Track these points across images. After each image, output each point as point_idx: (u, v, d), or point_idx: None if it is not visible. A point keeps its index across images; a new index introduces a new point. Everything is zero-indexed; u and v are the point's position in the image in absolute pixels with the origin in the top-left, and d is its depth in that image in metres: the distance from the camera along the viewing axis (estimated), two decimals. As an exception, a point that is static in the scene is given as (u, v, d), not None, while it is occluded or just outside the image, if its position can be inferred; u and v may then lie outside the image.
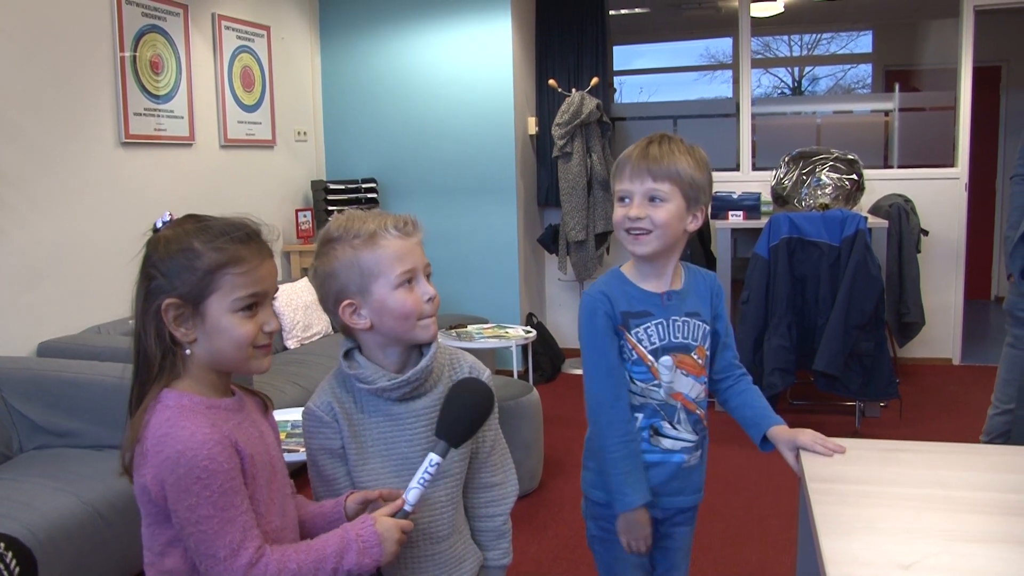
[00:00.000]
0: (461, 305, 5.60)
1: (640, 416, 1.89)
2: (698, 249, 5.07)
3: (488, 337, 4.72)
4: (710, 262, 5.16)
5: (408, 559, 1.59)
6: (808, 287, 4.51)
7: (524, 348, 5.07)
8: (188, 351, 1.42)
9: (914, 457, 1.79)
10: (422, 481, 1.48)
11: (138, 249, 1.45)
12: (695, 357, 1.90)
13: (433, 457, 1.48)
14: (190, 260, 1.39)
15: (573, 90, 5.75)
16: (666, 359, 1.87)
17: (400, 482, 1.54)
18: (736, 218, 5.09)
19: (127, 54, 4.21)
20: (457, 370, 1.66)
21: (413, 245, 1.57)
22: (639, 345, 1.86)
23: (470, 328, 4.93)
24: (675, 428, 1.91)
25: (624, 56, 7.56)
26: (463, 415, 1.51)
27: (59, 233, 3.86)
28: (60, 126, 3.87)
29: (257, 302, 1.43)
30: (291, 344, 4.75)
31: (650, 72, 8.16)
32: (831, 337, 4.36)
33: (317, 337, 4.92)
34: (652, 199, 1.81)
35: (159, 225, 1.45)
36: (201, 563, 1.34)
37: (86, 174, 4.01)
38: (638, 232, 1.82)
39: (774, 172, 5.59)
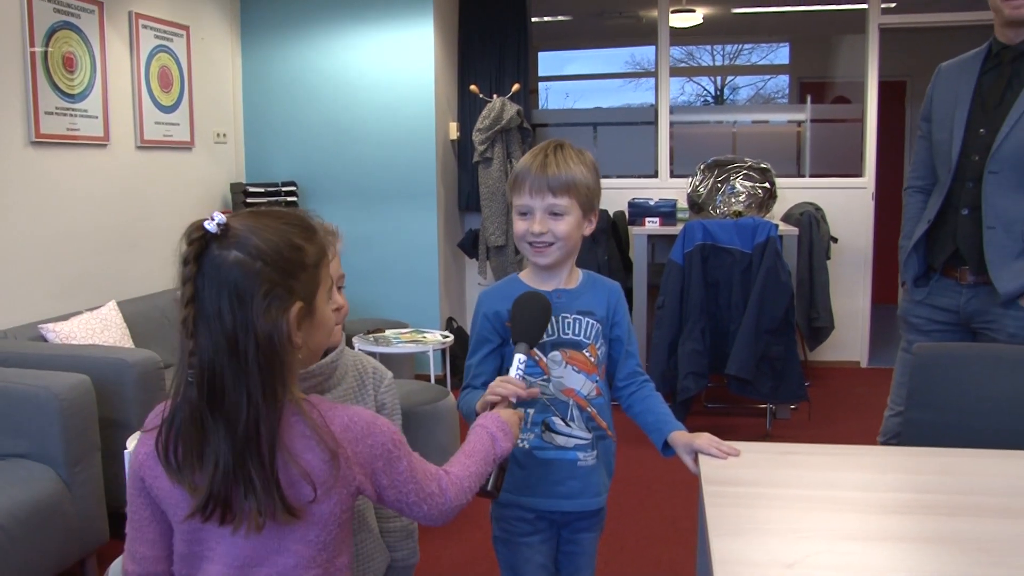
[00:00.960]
0: (380, 310, 5.60)
1: (531, 411, 1.93)
2: (615, 254, 5.16)
3: (405, 342, 4.74)
4: (627, 267, 5.26)
5: None
6: (721, 293, 4.63)
7: (443, 352, 5.10)
8: (300, 355, 1.34)
9: (807, 459, 1.87)
10: (517, 377, 1.73)
11: (49, 252, 1.40)
12: (586, 354, 1.95)
13: (520, 357, 1.75)
14: (301, 257, 1.32)
15: (494, 96, 5.80)
16: (555, 354, 1.93)
17: None
18: (653, 224, 5.20)
19: (38, 50, 4.12)
20: (362, 372, 1.71)
21: (335, 254, 1.59)
22: None
23: (388, 333, 4.93)
24: (568, 425, 1.94)
25: (555, 62, 7.65)
26: (537, 317, 1.78)
27: (-35, 235, 3.75)
28: (-33, 125, 3.76)
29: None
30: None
31: (574, 78, 8.25)
32: (743, 342, 4.49)
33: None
34: (553, 213, 1.88)
35: (214, 227, 1.26)
36: (420, 510, 1.40)
37: (-6, 174, 3.91)
38: (541, 245, 1.88)
39: (690, 180, 5.72)
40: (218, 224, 1.26)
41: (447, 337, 4.88)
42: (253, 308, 1.24)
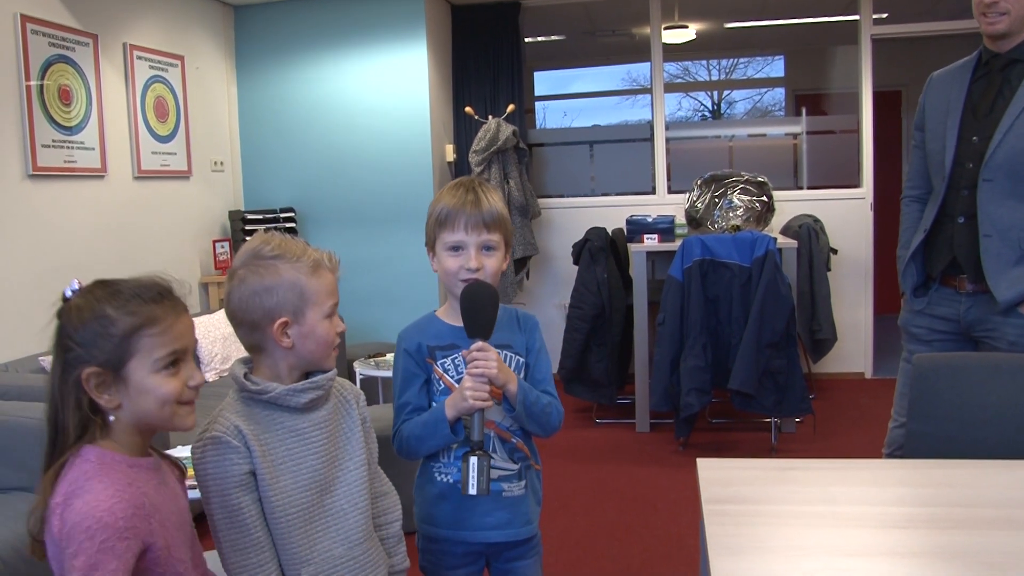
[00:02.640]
0: (379, 333, 5.60)
1: (455, 447, 1.92)
2: (614, 272, 5.15)
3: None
4: (627, 285, 5.25)
5: (327, 570, 1.65)
6: (721, 307, 4.62)
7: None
8: (112, 417, 1.43)
9: (808, 475, 1.86)
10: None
11: (49, 284, 1.46)
12: None
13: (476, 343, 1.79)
14: (104, 327, 1.40)
15: (490, 117, 5.81)
16: None
17: (311, 496, 1.63)
18: (651, 241, 5.20)
19: (33, 83, 4.14)
20: (344, 392, 1.79)
21: (336, 280, 1.70)
22: (446, 375, 1.94)
23: (388, 356, 4.92)
24: (492, 457, 1.90)
25: (551, 81, 7.67)
26: (487, 307, 1.79)
27: (-37, 270, 3.76)
28: (-37, 160, 3.78)
29: (178, 359, 1.46)
30: (210, 377, 4.68)
31: (570, 97, 8.28)
32: (745, 356, 4.47)
33: (236, 369, 4.85)
34: (487, 247, 1.91)
35: (68, 294, 1.45)
36: None
37: (-8, 209, 3.92)
38: (473, 281, 1.88)
39: (688, 195, 5.72)
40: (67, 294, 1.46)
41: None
42: (53, 369, 1.44)
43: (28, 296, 3.95)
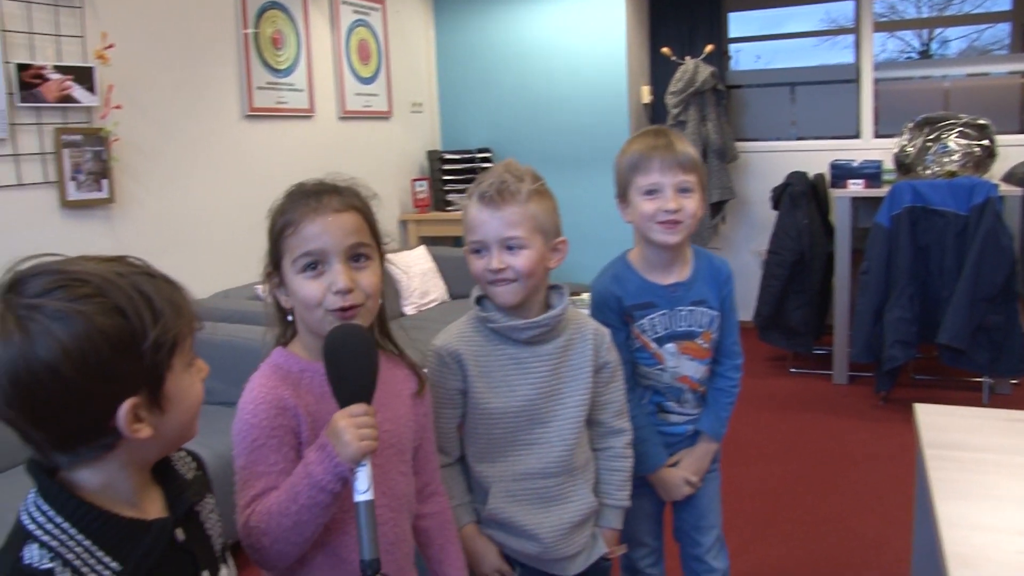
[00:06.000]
0: (575, 274, 5.58)
1: (647, 394, 2.01)
2: (816, 218, 4.93)
3: (600, 305, 4.72)
4: (828, 232, 5.03)
5: (515, 491, 1.69)
6: (932, 257, 4.34)
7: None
8: (290, 317, 1.45)
9: (1039, 427, 1.73)
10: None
11: (261, 219, 1.47)
12: (700, 343, 1.99)
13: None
14: (272, 226, 1.42)
15: (687, 58, 5.66)
16: (670, 346, 1.97)
17: (520, 422, 1.67)
18: (856, 187, 4.93)
19: (250, 31, 4.36)
20: (584, 331, 1.75)
21: (488, 217, 1.64)
22: (643, 335, 1.96)
23: (583, 296, 4.93)
24: (681, 406, 2.03)
25: (741, 23, 7.38)
26: (361, 369, 1.31)
27: (188, 202, 4.05)
28: (189, 101, 4.05)
29: (318, 261, 1.37)
30: (408, 310, 4.85)
31: (767, 39, 7.93)
32: (957, 309, 4.20)
33: (434, 304, 5.01)
34: (683, 190, 1.88)
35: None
36: None
37: (213, 146, 4.19)
38: (672, 223, 1.87)
39: (897, 139, 5.39)
40: None
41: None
42: None
43: (243, 229, 4.20)
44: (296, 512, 1.26)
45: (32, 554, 0.98)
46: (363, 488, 1.23)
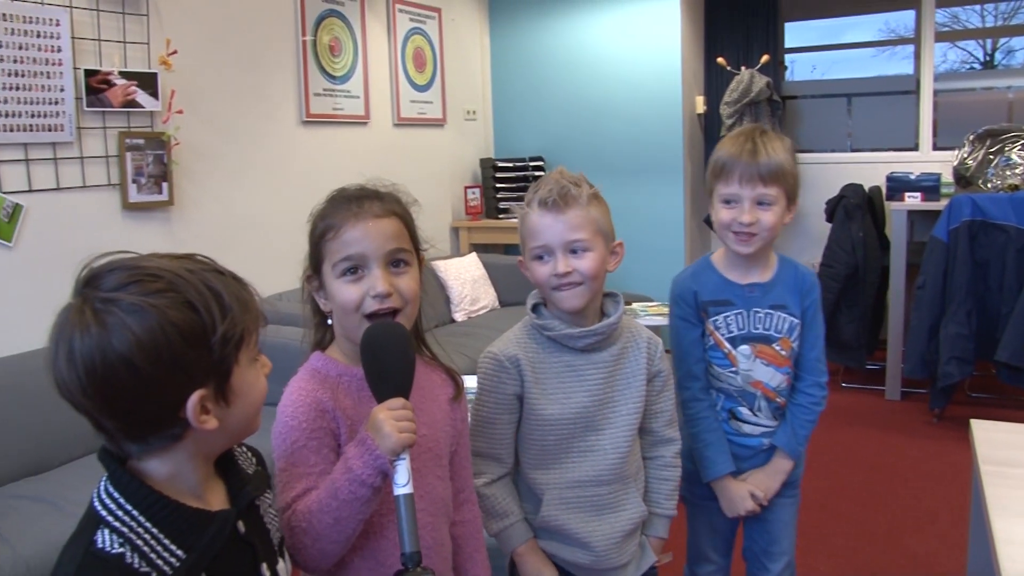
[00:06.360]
0: (626, 283, 5.59)
1: (720, 399, 1.97)
2: (871, 231, 4.87)
3: (652, 314, 4.70)
4: (884, 246, 4.96)
5: (569, 498, 1.69)
6: (991, 273, 4.26)
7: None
8: (329, 321, 1.46)
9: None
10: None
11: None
12: (777, 348, 1.94)
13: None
14: (313, 230, 1.44)
15: (742, 68, 5.63)
16: (744, 348, 1.93)
17: (574, 430, 1.68)
18: (914, 200, 4.86)
19: (308, 38, 4.44)
20: (637, 339, 1.76)
21: (551, 221, 1.63)
22: (716, 332, 1.94)
23: (635, 306, 4.92)
24: (755, 415, 1.97)
25: (797, 32, 7.32)
26: (398, 365, 1.32)
27: (245, 206, 4.12)
28: (248, 107, 4.13)
29: (358, 266, 1.38)
30: (459, 317, 4.89)
31: (823, 49, 7.86)
32: (1017, 326, 4.11)
33: (484, 311, 5.04)
34: (761, 203, 1.85)
35: None
36: None
37: (270, 151, 4.27)
38: (746, 235, 1.86)
39: (957, 152, 5.30)
40: None
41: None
42: None
43: (299, 233, 4.26)
44: (336, 508, 1.26)
45: (104, 539, 1.01)
46: (403, 481, 1.23)
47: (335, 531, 1.28)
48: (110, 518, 1.03)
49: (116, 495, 1.04)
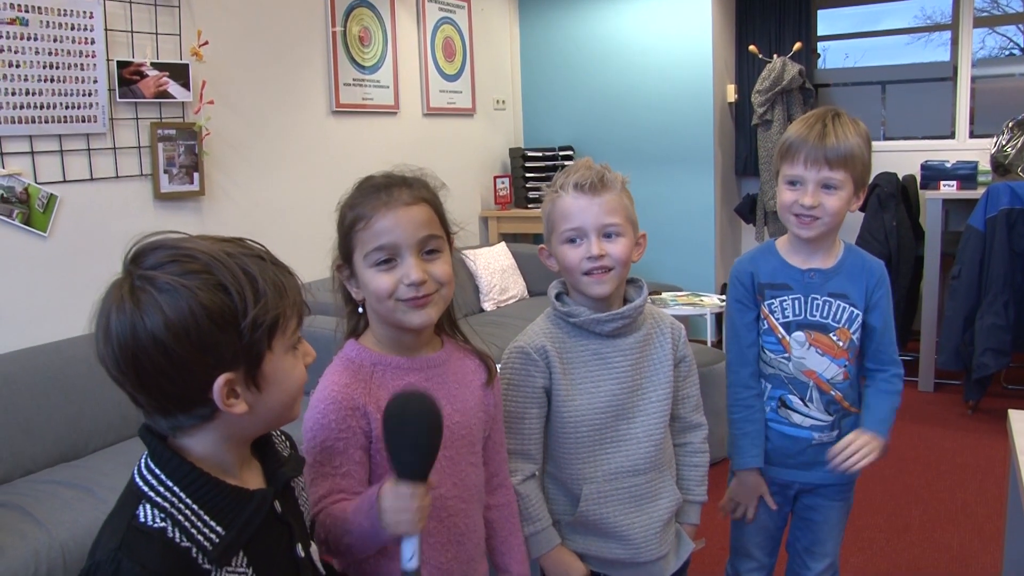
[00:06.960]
0: (656, 273, 5.57)
1: (769, 386, 1.93)
2: (905, 220, 4.80)
3: (682, 304, 4.68)
4: (918, 235, 4.89)
5: (607, 491, 1.68)
6: (1030, 263, 4.19)
7: (718, 317, 5.00)
8: (361, 309, 1.45)
9: None
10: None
11: None
12: (834, 338, 1.88)
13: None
14: (341, 219, 1.44)
15: (774, 56, 5.57)
16: (799, 334, 1.88)
17: (605, 419, 1.66)
18: (949, 188, 4.79)
19: (338, 29, 4.44)
20: (660, 324, 1.75)
21: (587, 203, 1.63)
22: (771, 316, 1.89)
23: (664, 295, 4.90)
24: (806, 405, 1.91)
25: (830, 20, 7.23)
26: (419, 447, 1.22)
27: (275, 195, 4.15)
28: (278, 97, 4.15)
29: (390, 255, 1.38)
30: (488, 306, 4.89)
31: (857, 36, 7.76)
32: (1054, 317, 4.05)
33: (512, 300, 5.04)
34: (826, 186, 1.80)
35: None
36: None
37: (300, 141, 4.29)
38: (808, 218, 1.82)
39: (995, 139, 5.21)
40: None
41: (724, 301, 4.77)
42: None
43: (329, 223, 4.28)
44: (349, 539, 1.29)
45: (146, 513, 1.03)
46: (408, 556, 1.22)
47: (350, 552, 1.31)
48: (152, 493, 1.05)
49: (157, 471, 1.06)
